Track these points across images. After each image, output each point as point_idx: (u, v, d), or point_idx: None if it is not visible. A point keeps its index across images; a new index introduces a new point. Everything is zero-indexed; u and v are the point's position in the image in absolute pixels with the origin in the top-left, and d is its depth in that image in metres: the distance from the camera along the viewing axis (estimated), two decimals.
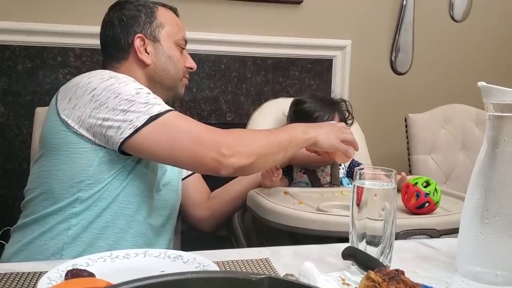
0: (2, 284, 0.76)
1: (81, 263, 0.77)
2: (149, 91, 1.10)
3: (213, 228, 1.46)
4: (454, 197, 1.32)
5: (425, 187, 1.15)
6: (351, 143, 1.24)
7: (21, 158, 1.90)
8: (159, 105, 1.06)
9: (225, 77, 2.10)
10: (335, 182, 1.50)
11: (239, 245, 1.56)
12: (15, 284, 0.76)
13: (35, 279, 0.78)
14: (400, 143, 2.07)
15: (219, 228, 1.51)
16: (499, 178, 0.81)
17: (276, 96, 2.06)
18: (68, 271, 0.72)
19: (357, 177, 0.84)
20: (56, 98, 1.13)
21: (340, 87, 2.22)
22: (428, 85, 2.37)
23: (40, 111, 1.46)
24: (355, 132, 1.53)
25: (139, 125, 1.03)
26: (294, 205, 1.20)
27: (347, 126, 1.36)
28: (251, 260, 0.88)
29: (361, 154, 1.69)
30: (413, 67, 2.34)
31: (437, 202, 1.16)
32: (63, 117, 1.08)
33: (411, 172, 1.94)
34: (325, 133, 1.19)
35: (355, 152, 1.28)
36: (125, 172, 1.11)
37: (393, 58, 2.31)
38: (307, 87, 2.19)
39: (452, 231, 1.10)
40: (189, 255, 0.82)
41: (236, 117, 2.12)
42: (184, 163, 1.08)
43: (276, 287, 0.49)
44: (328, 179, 1.51)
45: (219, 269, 0.82)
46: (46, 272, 0.74)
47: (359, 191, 0.83)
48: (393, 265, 0.82)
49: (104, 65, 1.25)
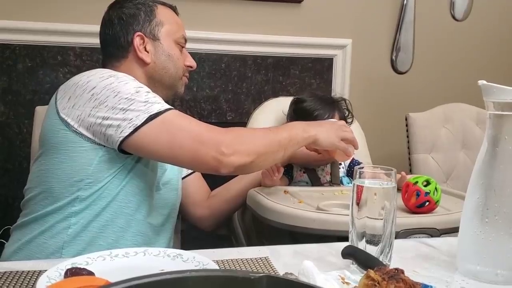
0: (1, 282, 0.76)
1: (80, 261, 0.77)
2: (148, 89, 1.10)
3: (213, 227, 1.46)
4: (454, 196, 1.32)
5: (425, 186, 1.15)
6: (351, 141, 1.24)
7: (21, 157, 1.90)
8: (158, 103, 1.06)
9: (225, 76, 2.10)
10: (335, 181, 1.49)
11: (239, 244, 1.56)
12: (14, 282, 0.76)
13: (35, 277, 0.78)
14: (400, 142, 2.07)
15: (219, 227, 1.51)
16: (499, 177, 0.81)
17: (276, 95, 2.06)
18: (67, 270, 0.72)
19: (357, 176, 0.84)
20: (55, 97, 1.13)
21: (340, 86, 2.22)
22: (428, 84, 2.36)
23: (40, 110, 1.46)
24: (355, 131, 1.53)
25: (139, 123, 1.03)
26: (294, 204, 1.20)
27: (347, 124, 1.36)
28: (251, 259, 0.88)
29: (361, 153, 1.69)
30: (413, 66, 2.33)
31: (437, 201, 1.16)
32: (63, 116, 1.08)
33: (411, 171, 1.94)
34: (325, 132, 1.19)
35: (355, 150, 1.28)
36: (125, 171, 1.11)
37: (393, 57, 2.31)
38: (308, 86, 2.19)
39: (452, 230, 1.10)
40: (189, 253, 0.82)
41: (236, 116, 2.12)
42: (184, 161, 1.08)
43: (274, 285, 0.49)
44: (328, 178, 1.50)
45: (218, 267, 0.82)
46: (45, 270, 0.74)
47: (359, 190, 0.83)
48: (393, 264, 0.82)
49: (104, 64, 1.25)
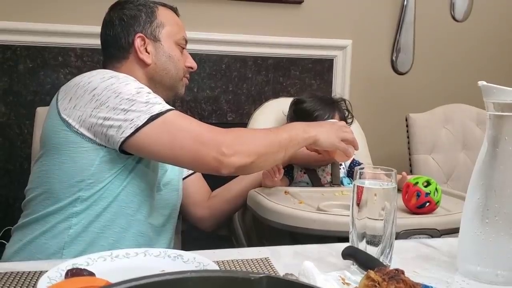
0: (2, 283, 0.76)
1: (81, 262, 0.77)
2: (149, 90, 1.10)
3: (213, 227, 1.46)
4: (454, 196, 1.32)
5: (425, 186, 1.15)
6: (351, 142, 1.24)
7: (22, 158, 1.90)
8: (159, 104, 1.07)
9: (225, 77, 2.10)
10: (336, 181, 1.50)
11: (239, 245, 1.56)
12: (15, 283, 0.77)
13: (36, 278, 0.78)
14: (400, 142, 2.07)
15: (220, 227, 1.51)
16: (499, 177, 0.81)
17: (276, 96, 2.06)
18: (68, 270, 0.72)
19: (357, 177, 0.84)
20: (56, 97, 1.14)
21: (340, 87, 2.22)
22: (428, 84, 2.37)
23: (41, 111, 1.47)
24: (356, 131, 1.53)
25: (140, 124, 1.03)
26: (294, 204, 1.20)
27: (347, 125, 1.36)
28: (251, 259, 0.88)
29: (362, 153, 1.69)
30: (413, 67, 2.33)
31: (438, 201, 1.16)
32: (64, 116, 1.08)
33: (412, 171, 1.94)
34: (325, 132, 1.19)
35: (355, 151, 1.28)
36: (126, 171, 1.11)
37: (394, 58, 2.31)
38: (308, 87, 2.19)
39: (452, 231, 1.10)
40: (189, 254, 0.82)
41: (236, 117, 2.13)
42: (184, 162, 1.08)
43: (275, 286, 0.49)
44: (328, 178, 1.50)
45: (219, 268, 0.82)
46: (46, 271, 0.74)
47: (359, 190, 0.83)
48: (393, 265, 0.82)
49: (104, 65, 1.25)
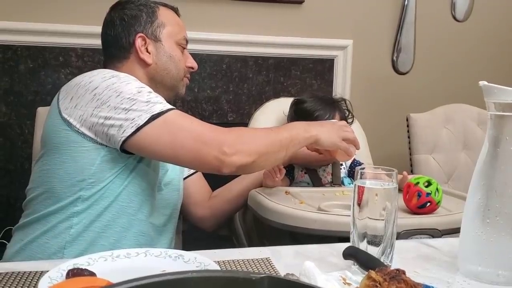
0: (3, 283, 0.76)
1: (82, 262, 0.77)
2: (150, 90, 1.10)
3: (214, 227, 1.46)
4: (455, 196, 1.32)
5: (426, 186, 1.15)
6: (352, 141, 1.24)
7: (23, 157, 1.91)
8: (160, 103, 1.07)
9: (226, 77, 2.10)
10: (336, 181, 1.49)
11: (240, 245, 1.56)
12: (16, 283, 0.77)
13: (37, 278, 0.78)
14: (401, 142, 2.07)
15: (220, 227, 1.51)
16: (500, 177, 0.81)
17: (277, 96, 2.06)
18: (69, 270, 0.72)
19: (358, 177, 0.84)
20: (57, 97, 1.14)
21: (341, 87, 2.22)
22: (429, 84, 2.36)
23: (41, 111, 1.47)
24: (356, 131, 1.53)
25: (141, 123, 1.03)
26: (295, 204, 1.20)
27: (347, 124, 1.36)
28: (252, 259, 0.88)
29: (363, 153, 1.69)
30: (414, 67, 2.33)
31: (439, 201, 1.16)
32: (65, 116, 1.08)
33: (412, 171, 1.94)
34: (326, 132, 1.19)
35: (356, 151, 1.28)
36: (127, 170, 1.11)
37: (394, 58, 2.31)
38: (309, 87, 2.19)
39: (453, 231, 1.10)
40: (190, 254, 0.82)
41: (237, 117, 2.13)
42: (185, 161, 1.08)
43: (276, 286, 0.49)
44: (329, 178, 1.50)
45: (220, 268, 0.82)
46: (47, 271, 0.74)
47: (360, 190, 0.83)
48: (394, 265, 0.82)
49: (105, 65, 1.25)
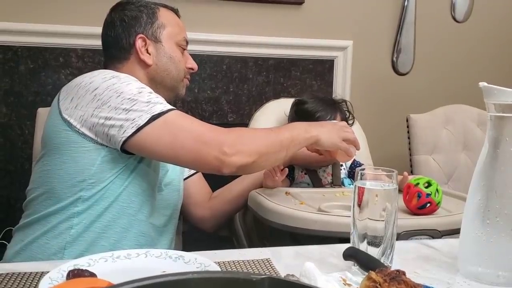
0: (4, 284, 0.76)
1: (82, 263, 0.78)
2: (151, 90, 1.10)
3: (214, 228, 1.46)
4: (455, 197, 1.32)
5: (426, 187, 1.15)
6: (353, 142, 1.24)
7: (23, 158, 1.91)
8: (161, 104, 1.07)
9: (226, 78, 2.10)
10: (337, 182, 1.50)
11: (240, 246, 1.56)
12: (17, 284, 0.77)
13: (37, 279, 0.78)
14: (401, 143, 2.07)
15: (221, 228, 1.51)
16: (500, 178, 0.81)
17: (277, 96, 2.06)
18: (69, 271, 0.72)
19: (358, 178, 0.84)
20: (58, 98, 1.14)
21: (341, 87, 2.22)
22: (429, 85, 2.37)
23: (42, 112, 1.47)
24: (357, 132, 1.53)
25: (141, 124, 1.03)
26: (295, 205, 1.20)
27: (348, 125, 1.36)
28: (252, 260, 0.88)
29: (363, 154, 1.69)
30: (414, 68, 2.33)
31: (439, 202, 1.16)
32: (65, 116, 1.08)
33: (412, 172, 1.94)
34: (327, 132, 1.19)
35: (357, 151, 1.28)
36: (127, 171, 1.11)
37: (394, 58, 2.31)
38: (309, 87, 2.19)
39: (453, 232, 1.10)
40: (191, 255, 0.82)
41: (237, 118, 2.13)
42: (186, 162, 1.08)
43: (276, 287, 0.49)
44: (329, 179, 1.51)
45: (220, 269, 0.82)
46: (47, 272, 0.74)
47: (360, 191, 0.83)
48: (394, 266, 0.82)
49: (105, 66, 1.25)
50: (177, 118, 1.07)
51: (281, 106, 1.71)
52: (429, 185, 1.15)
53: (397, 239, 0.85)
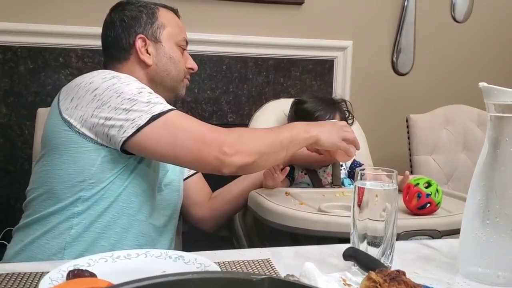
0: (4, 284, 0.76)
1: (82, 263, 0.78)
2: (151, 90, 1.11)
3: (214, 228, 1.46)
4: (455, 197, 1.32)
5: (426, 187, 1.15)
6: (352, 141, 1.24)
7: (23, 158, 1.91)
8: (161, 104, 1.07)
9: (226, 78, 2.10)
10: (337, 182, 1.50)
11: (240, 246, 1.56)
12: (16, 284, 0.77)
13: (37, 279, 0.78)
14: (401, 143, 2.07)
15: (221, 228, 1.51)
16: (500, 178, 0.81)
17: (277, 96, 2.07)
18: (69, 271, 0.72)
19: (358, 178, 0.84)
20: (58, 98, 1.14)
21: (341, 87, 2.22)
22: (429, 85, 2.37)
23: (42, 112, 1.47)
24: (356, 132, 1.53)
25: (142, 124, 1.03)
26: (295, 205, 1.20)
27: (347, 124, 1.36)
28: (252, 260, 0.88)
29: (363, 154, 1.69)
30: (414, 68, 2.33)
31: (439, 203, 1.16)
32: (65, 116, 1.08)
33: (412, 172, 1.94)
34: (326, 132, 1.19)
35: (356, 151, 1.28)
36: (127, 171, 1.11)
37: (394, 58, 2.31)
38: (308, 87, 2.19)
39: (453, 232, 1.10)
40: (191, 255, 0.82)
41: (237, 118, 2.13)
42: (186, 162, 1.08)
43: (276, 287, 0.49)
44: (329, 179, 1.51)
45: (220, 269, 0.82)
46: (47, 272, 0.74)
47: (360, 191, 0.83)
48: (394, 266, 0.82)
49: (105, 66, 1.25)
50: (177, 118, 1.07)
51: (281, 106, 1.71)
52: (429, 185, 1.15)
53: (397, 239, 0.85)
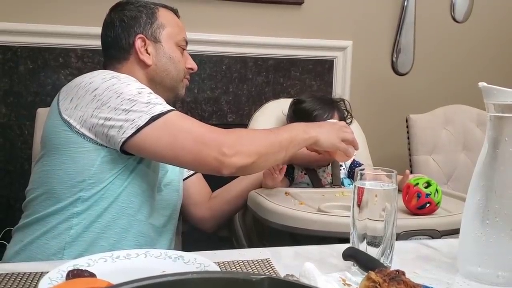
0: (3, 284, 0.76)
1: (82, 263, 0.78)
2: (150, 91, 1.10)
3: (214, 228, 1.46)
4: (455, 197, 1.32)
5: (426, 187, 1.15)
6: (352, 142, 1.24)
7: (23, 158, 1.90)
8: (160, 104, 1.07)
9: (226, 78, 2.10)
10: (336, 182, 1.50)
11: (240, 246, 1.56)
12: (16, 284, 0.77)
13: (36, 279, 0.78)
14: (401, 143, 2.07)
15: (220, 228, 1.51)
16: (500, 178, 0.81)
17: (277, 96, 2.06)
18: (69, 271, 0.72)
19: (358, 178, 0.84)
20: (57, 98, 1.14)
21: (341, 87, 2.22)
22: (429, 85, 2.37)
23: (41, 112, 1.47)
24: (356, 132, 1.53)
25: (141, 124, 1.03)
26: (295, 205, 1.21)
27: (347, 125, 1.36)
28: (252, 260, 0.88)
29: (362, 154, 1.69)
30: (414, 68, 2.33)
31: (438, 202, 1.16)
32: (65, 117, 1.08)
33: (412, 172, 1.94)
34: (326, 132, 1.19)
35: (356, 151, 1.28)
36: (127, 171, 1.11)
37: (394, 58, 2.31)
38: (308, 87, 2.19)
39: (453, 232, 1.10)
40: (190, 255, 0.82)
41: (237, 118, 2.13)
42: (185, 162, 1.08)
43: (276, 287, 0.49)
44: (329, 179, 1.51)
45: (219, 269, 0.82)
46: (47, 272, 0.74)
47: (360, 191, 0.83)
48: (393, 266, 0.82)
49: (105, 66, 1.25)
50: (177, 119, 1.07)
51: (281, 106, 1.72)
52: (428, 185, 1.16)
53: (396, 239, 0.85)
